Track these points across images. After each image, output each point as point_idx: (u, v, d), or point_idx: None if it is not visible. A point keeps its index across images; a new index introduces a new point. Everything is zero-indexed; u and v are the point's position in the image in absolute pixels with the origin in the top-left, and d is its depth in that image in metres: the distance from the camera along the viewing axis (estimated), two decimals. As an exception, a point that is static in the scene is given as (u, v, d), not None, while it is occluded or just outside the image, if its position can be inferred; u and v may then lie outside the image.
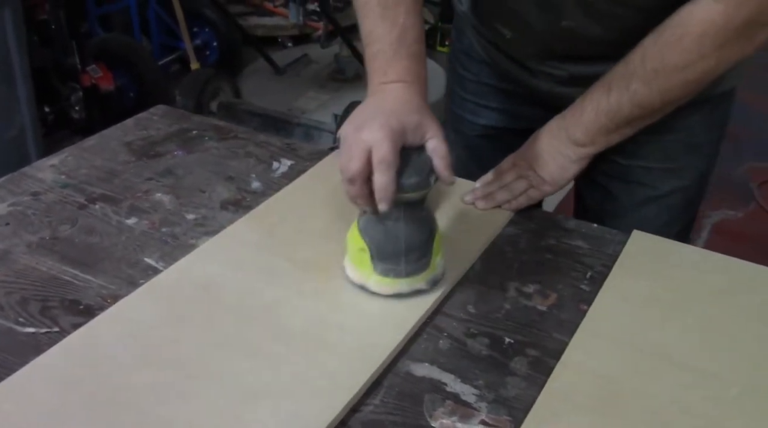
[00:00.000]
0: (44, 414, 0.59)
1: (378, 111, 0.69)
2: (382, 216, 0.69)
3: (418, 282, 0.72)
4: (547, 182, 0.85)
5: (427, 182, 0.68)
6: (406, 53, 0.74)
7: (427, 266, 0.72)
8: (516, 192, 0.86)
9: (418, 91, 0.73)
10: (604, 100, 0.79)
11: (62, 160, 0.97)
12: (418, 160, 0.68)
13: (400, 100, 0.71)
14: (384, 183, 0.65)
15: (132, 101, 2.51)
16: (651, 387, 0.63)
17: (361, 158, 0.65)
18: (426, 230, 0.71)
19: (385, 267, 0.71)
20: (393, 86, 0.72)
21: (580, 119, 0.81)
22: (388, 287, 0.71)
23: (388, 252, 0.70)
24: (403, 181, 0.66)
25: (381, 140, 0.65)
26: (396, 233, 0.70)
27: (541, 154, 0.85)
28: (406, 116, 0.68)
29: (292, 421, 0.58)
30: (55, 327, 0.69)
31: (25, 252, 0.79)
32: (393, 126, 0.66)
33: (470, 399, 0.62)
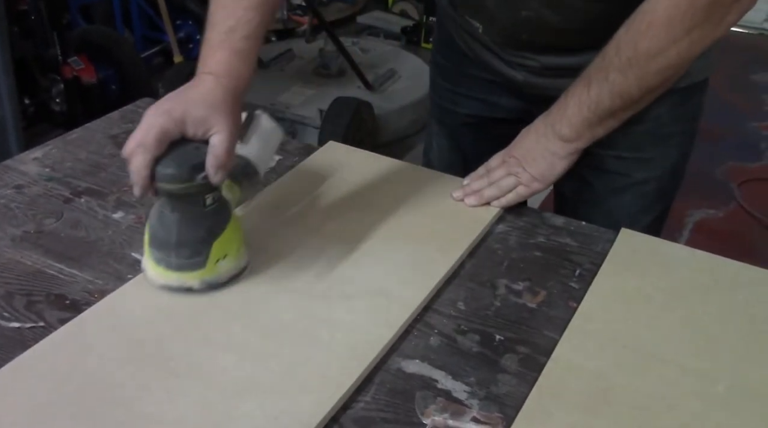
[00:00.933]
0: (30, 410, 0.58)
1: (175, 97, 0.69)
2: (161, 205, 0.69)
3: (190, 280, 0.70)
4: (537, 180, 0.86)
5: (186, 175, 0.66)
6: (230, 47, 0.72)
7: (201, 265, 0.70)
8: (505, 189, 0.86)
9: (227, 87, 0.70)
10: (585, 94, 0.80)
11: (46, 153, 0.96)
12: (185, 152, 0.66)
13: (199, 92, 0.69)
14: (135, 165, 0.65)
15: (114, 94, 2.49)
16: (639, 383, 0.64)
17: (136, 138, 0.65)
18: (202, 227, 0.69)
19: (158, 256, 0.70)
20: (204, 77, 0.71)
21: (564, 114, 0.82)
22: (158, 276, 0.71)
23: (161, 241, 0.70)
24: (159, 169, 0.65)
25: (152, 124, 0.65)
26: (168, 224, 0.69)
27: (530, 152, 0.86)
28: (194, 108, 0.67)
29: (282, 418, 0.58)
30: (41, 321, 0.68)
31: (9, 246, 0.78)
32: (173, 113, 0.66)
33: (461, 396, 0.62)
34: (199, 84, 0.70)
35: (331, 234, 0.81)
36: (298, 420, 0.58)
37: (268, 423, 0.58)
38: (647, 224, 0.95)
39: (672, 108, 0.90)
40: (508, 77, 0.94)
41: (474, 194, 0.87)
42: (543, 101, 0.89)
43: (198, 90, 0.70)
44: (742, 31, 3.74)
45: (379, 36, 3.46)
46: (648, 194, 0.96)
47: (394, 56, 3.04)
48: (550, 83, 0.90)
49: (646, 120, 0.88)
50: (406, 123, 2.67)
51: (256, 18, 0.74)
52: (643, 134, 0.91)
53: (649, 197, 0.97)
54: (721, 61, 0.97)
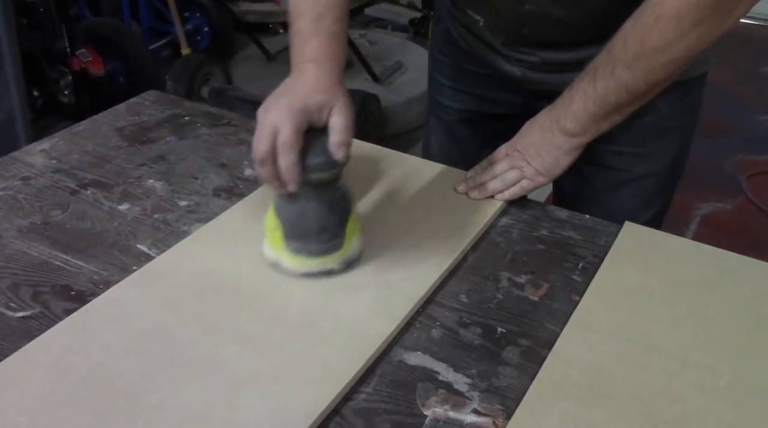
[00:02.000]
0: (35, 399, 0.59)
1: (287, 92, 0.70)
2: (295, 196, 0.70)
3: (330, 262, 0.73)
4: (541, 174, 0.85)
5: (333, 161, 0.68)
6: (323, 33, 0.74)
7: (340, 247, 0.73)
8: (509, 182, 0.86)
9: (331, 71, 0.73)
10: (591, 89, 0.79)
11: (53, 144, 0.97)
12: (323, 140, 0.68)
13: (308, 81, 0.71)
14: (287, 165, 0.66)
15: (121, 86, 2.49)
16: (641, 376, 0.64)
17: (267, 139, 0.66)
18: (338, 210, 0.72)
19: (296, 246, 0.72)
20: (306, 66, 0.73)
21: (569, 108, 0.81)
22: (299, 265, 0.72)
23: (299, 231, 0.71)
24: (308, 162, 0.67)
25: (283, 122, 0.66)
26: (307, 213, 0.71)
27: (534, 146, 0.85)
28: (312, 97, 0.69)
29: (284, 409, 0.59)
30: (47, 312, 0.69)
31: (15, 237, 0.79)
32: (297, 107, 0.67)
33: (462, 388, 0.63)
34: (305, 74, 0.72)
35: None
36: (300, 411, 0.58)
37: (270, 414, 0.58)
38: (647, 220, 0.94)
39: (672, 102, 0.90)
40: (507, 73, 0.94)
41: (477, 187, 0.87)
42: (541, 97, 0.89)
43: (307, 80, 0.72)
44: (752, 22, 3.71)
45: (387, 28, 3.45)
46: (648, 189, 0.96)
47: (402, 48, 3.03)
48: (549, 78, 0.90)
49: (647, 114, 0.88)
50: (413, 116, 2.67)
51: (341, 1, 0.76)
52: (643, 128, 0.91)
53: (649, 192, 0.97)
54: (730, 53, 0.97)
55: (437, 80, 1.07)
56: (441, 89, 1.07)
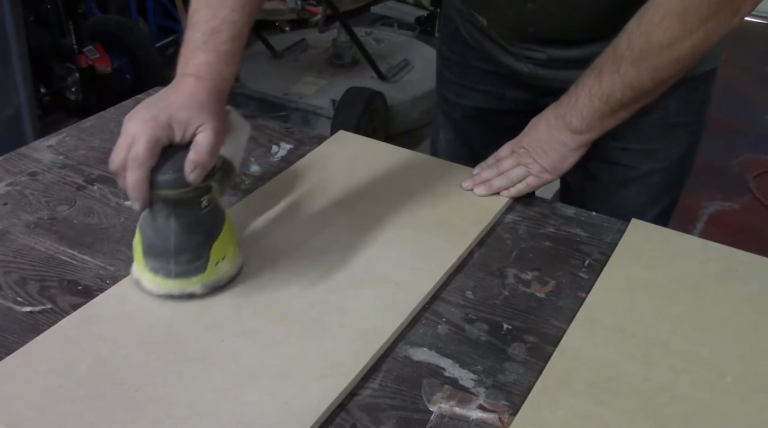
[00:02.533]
0: (42, 393, 0.59)
1: (156, 102, 0.66)
2: (154, 212, 0.66)
3: (191, 285, 0.68)
4: (547, 171, 0.85)
5: (183, 180, 0.63)
6: (213, 49, 0.70)
7: (202, 269, 0.68)
8: (515, 179, 0.86)
9: (210, 89, 0.68)
10: (596, 86, 0.79)
11: (60, 140, 0.97)
12: (180, 157, 0.64)
13: (182, 95, 0.67)
14: (133, 181, 0.63)
15: (128, 83, 2.50)
16: (647, 373, 0.64)
17: (124, 150, 0.63)
18: (201, 231, 0.68)
19: (154, 265, 0.68)
20: (186, 80, 0.69)
21: (575, 106, 0.81)
22: (157, 286, 0.68)
23: (157, 250, 0.68)
24: (158, 177, 0.63)
25: (139, 135, 0.62)
26: (166, 232, 0.67)
27: (540, 143, 0.85)
28: (179, 112, 0.65)
29: (290, 404, 0.59)
30: (54, 306, 0.69)
31: (23, 232, 0.79)
32: (159, 120, 0.63)
33: (468, 384, 0.63)
34: (181, 87, 0.68)
35: (341, 223, 0.81)
36: (306, 406, 0.58)
37: (276, 409, 0.58)
38: (654, 217, 0.94)
39: (680, 98, 0.89)
40: (514, 69, 0.94)
41: (483, 183, 0.87)
42: (549, 93, 0.89)
43: (180, 93, 0.67)
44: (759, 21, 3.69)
45: (393, 26, 3.45)
46: (654, 186, 0.96)
47: (408, 46, 3.03)
48: (556, 75, 0.90)
49: (654, 110, 0.87)
50: (418, 114, 2.67)
51: (242, 19, 0.71)
52: (651, 124, 0.91)
53: (655, 190, 0.96)
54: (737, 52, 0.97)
55: (445, 77, 1.07)
56: (449, 86, 1.07)
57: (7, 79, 1.83)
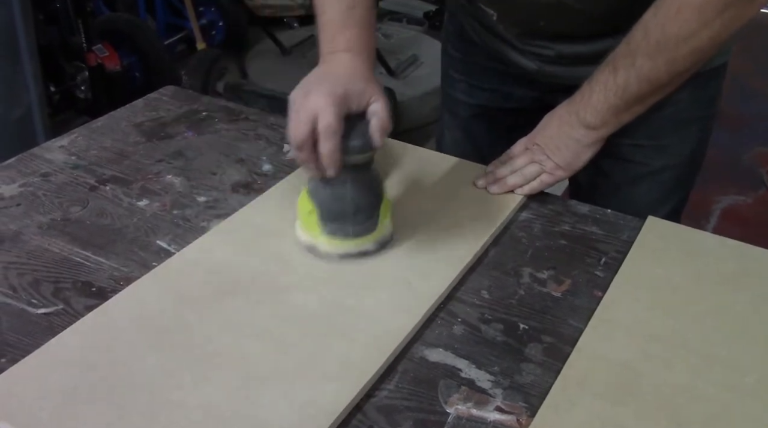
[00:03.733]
0: (57, 396, 0.59)
1: (324, 79, 0.71)
2: (330, 179, 0.70)
3: (366, 243, 0.74)
4: (561, 168, 0.84)
5: (370, 144, 0.70)
6: (355, 23, 0.75)
7: (375, 227, 0.74)
8: (528, 177, 0.85)
9: (364, 60, 0.75)
10: (611, 80, 0.78)
11: (72, 141, 0.97)
12: (361, 124, 0.70)
13: (346, 68, 0.73)
14: (329, 149, 0.67)
15: (137, 81, 2.50)
16: (666, 373, 0.63)
17: (308, 124, 0.67)
18: (373, 192, 0.74)
19: (332, 228, 0.73)
20: (340, 56, 0.74)
21: (589, 101, 0.80)
22: (336, 247, 0.74)
23: (335, 213, 0.73)
24: (348, 144, 0.68)
25: (325, 107, 0.66)
26: (343, 195, 0.72)
27: (553, 139, 0.84)
28: (351, 84, 0.70)
29: (306, 406, 0.58)
30: (68, 308, 0.69)
31: (36, 233, 0.79)
32: (337, 93, 0.68)
33: (485, 386, 0.62)
34: (339, 62, 0.74)
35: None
36: (321, 408, 0.58)
37: (292, 411, 0.58)
38: (665, 214, 0.93)
39: (691, 93, 0.88)
40: (521, 67, 0.93)
41: (497, 181, 0.86)
42: (557, 90, 0.88)
43: (344, 68, 0.73)
44: (771, 13, 3.65)
45: (402, 21, 3.43)
46: (666, 182, 0.95)
47: (417, 42, 3.02)
48: (564, 72, 0.89)
49: (665, 106, 0.86)
50: (428, 109, 2.66)
51: None
52: (662, 120, 0.90)
53: (667, 186, 0.95)
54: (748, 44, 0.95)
55: (450, 76, 1.07)
56: (454, 85, 1.06)
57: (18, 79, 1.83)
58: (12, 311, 0.68)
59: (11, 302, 0.70)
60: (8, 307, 0.69)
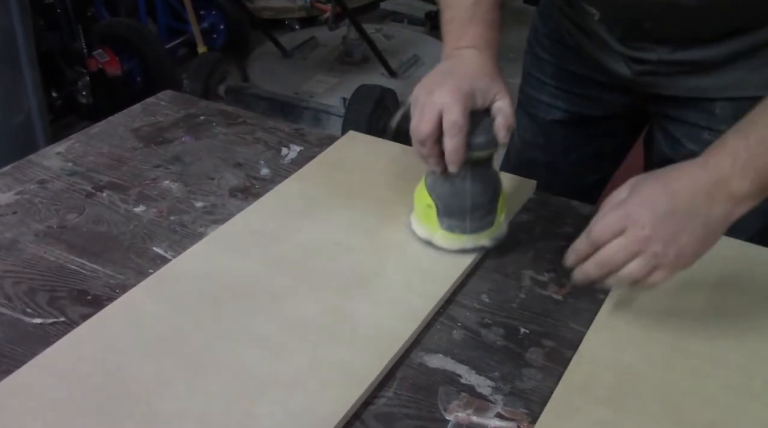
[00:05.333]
0: (53, 406, 0.58)
1: (450, 75, 0.71)
2: (450, 175, 0.71)
3: (482, 239, 0.75)
4: (686, 260, 0.62)
5: (494, 141, 0.70)
6: (480, 20, 0.75)
7: (491, 224, 0.75)
8: (628, 278, 0.62)
9: (490, 57, 0.74)
10: None
11: (69, 147, 0.96)
12: (486, 120, 0.70)
13: (471, 65, 0.72)
14: (454, 146, 0.68)
15: (139, 86, 2.50)
16: (670, 377, 0.62)
17: (432, 120, 0.68)
18: (491, 188, 0.74)
19: (450, 223, 0.74)
20: (466, 52, 0.74)
21: (746, 162, 0.61)
22: (453, 242, 0.74)
23: (454, 209, 0.74)
24: (472, 140, 0.69)
25: (451, 104, 0.67)
26: (462, 191, 0.73)
27: (676, 215, 0.61)
28: (477, 80, 0.70)
29: (303, 415, 0.57)
30: (63, 318, 0.68)
31: (32, 241, 0.78)
32: (463, 89, 0.68)
33: (486, 392, 0.61)
34: (466, 59, 0.73)
35: (352, 226, 0.80)
36: (320, 417, 0.57)
37: (290, 420, 0.57)
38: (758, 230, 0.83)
39: None
40: (614, 73, 0.88)
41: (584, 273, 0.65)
42: (652, 100, 0.83)
43: (469, 64, 0.72)
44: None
45: (403, 22, 3.42)
46: None
47: (418, 42, 3.01)
48: (660, 81, 0.83)
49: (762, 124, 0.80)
50: (430, 110, 2.65)
51: None
52: None
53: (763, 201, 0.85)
54: None
55: (535, 77, 1.02)
56: (540, 87, 1.01)
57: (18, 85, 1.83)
58: (7, 321, 0.68)
59: (6, 311, 0.69)
60: (3, 317, 0.68)
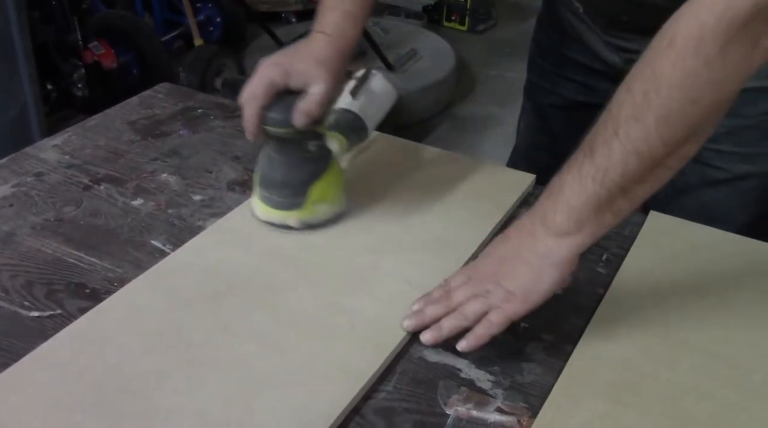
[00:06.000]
0: (50, 400, 0.57)
1: (286, 52, 0.76)
2: (268, 147, 0.76)
3: (289, 218, 0.77)
4: (515, 296, 0.62)
5: (288, 121, 0.72)
6: (342, 9, 0.77)
7: (300, 206, 0.76)
8: (471, 317, 0.63)
9: (335, 45, 0.75)
10: (588, 163, 0.60)
11: (65, 140, 0.96)
12: (289, 100, 0.72)
13: (310, 48, 0.75)
14: (246, 114, 0.72)
15: (135, 79, 2.48)
16: (670, 372, 0.62)
17: (250, 87, 0.72)
18: (304, 171, 0.76)
19: (263, 193, 0.77)
20: (315, 36, 0.76)
21: (558, 196, 0.62)
22: (264, 213, 0.78)
23: (267, 181, 0.77)
24: (267, 114, 0.72)
25: (258, 75, 0.72)
26: (274, 165, 0.76)
27: (507, 259, 0.65)
28: (300, 62, 0.73)
29: (303, 409, 0.57)
30: (61, 311, 0.68)
31: (29, 234, 0.78)
32: (281, 66, 0.72)
33: (485, 386, 0.61)
34: (311, 41, 0.76)
35: (350, 221, 0.79)
36: (319, 411, 0.57)
37: (289, 415, 0.57)
38: (745, 223, 0.86)
39: None
40: (609, 62, 0.89)
41: (431, 329, 0.65)
42: None
43: (308, 47, 0.75)
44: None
45: (400, 15, 3.41)
46: (748, 192, 0.88)
47: (416, 36, 3.00)
48: None
49: (752, 115, 0.82)
50: (428, 104, 2.64)
51: None
52: (749, 128, 0.84)
53: (749, 195, 0.88)
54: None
55: (537, 63, 1.04)
56: (541, 73, 1.03)
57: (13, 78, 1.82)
58: (4, 315, 0.67)
59: (4, 304, 0.68)
60: (1, 310, 0.68)
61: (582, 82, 0.98)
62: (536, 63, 1.05)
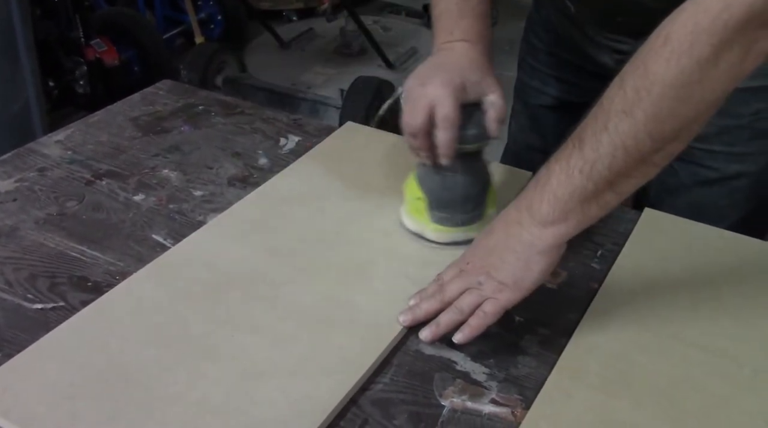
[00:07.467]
0: (52, 391, 0.59)
1: (441, 68, 0.72)
2: (440, 167, 0.72)
3: (473, 232, 0.74)
4: (507, 286, 0.64)
5: (485, 134, 0.71)
6: (471, 13, 0.76)
7: (481, 217, 0.75)
8: (466, 310, 0.65)
9: (481, 50, 0.74)
10: (576, 154, 0.60)
11: (68, 135, 0.97)
12: (477, 114, 0.71)
13: (463, 58, 0.73)
14: (446, 140, 0.69)
15: (136, 76, 2.49)
16: (662, 366, 0.63)
17: (424, 113, 0.69)
18: (481, 181, 0.75)
19: (440, 216, 0.75)
20: (457, 45, 0.74)
21: (545, 186, 0.62)
22: (444, 235, 0.75)
23: (444, 202, 0.74)
24: (464, 133, 0.70)
25: (443, 97, 0.68)
26: (453, 184, 0.74)
27: (496, 250, 0.65)
28: (468, 73, 0.71)
29: (302, 400, 0.58)
30: (64, 303, 0.69)
31: (32, 228, 0.79)
32: (455, 82, 0.69)
33: (480, 378, 0.62)
34: (457, 52, 0.74)
35: (349, 216, 0.80)
36: (317, 402, 0.58)
37: (288, 405, 0.58)
38: (737, 221, 0.87)
39: None
40: (599, 63, 0.89)
41: (429, 326, 0.66)
42: None
43: (461, 57, 0.73)
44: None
45: (401, 14, 3.42)
46: (739, 190, 0.88)
47: (416, 34, 3.01)
48: None
49: (744, 115, 0.82)
50: (427, 102, 2.65)
51: None
52: (740, 128, 0.85)
53: (740, 194, 0.89)
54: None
55: (528, 64, 1.04)
56: (532, 74, 1.04)
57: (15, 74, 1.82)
58: (8, 307, 0.68)
59: (7, 297, 0.70)
60: (4, 302, 0.69)
61: (573, 83, 0.99)
62: (527, 63, 1.05)
